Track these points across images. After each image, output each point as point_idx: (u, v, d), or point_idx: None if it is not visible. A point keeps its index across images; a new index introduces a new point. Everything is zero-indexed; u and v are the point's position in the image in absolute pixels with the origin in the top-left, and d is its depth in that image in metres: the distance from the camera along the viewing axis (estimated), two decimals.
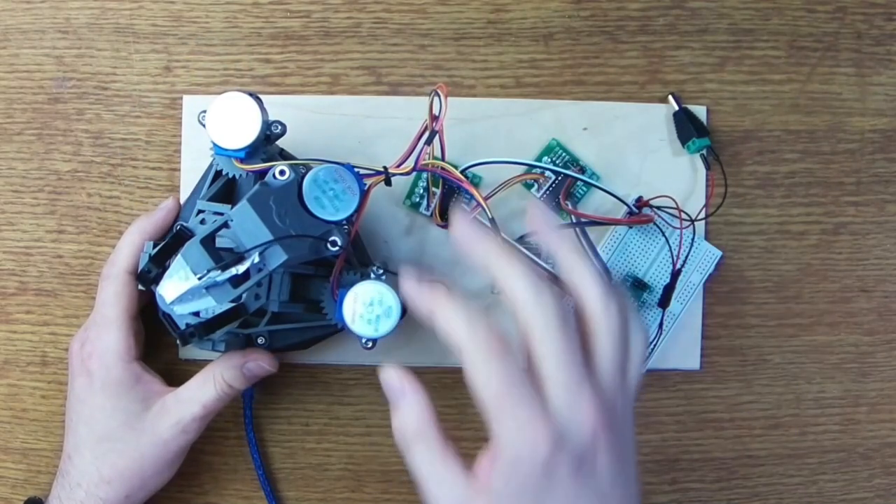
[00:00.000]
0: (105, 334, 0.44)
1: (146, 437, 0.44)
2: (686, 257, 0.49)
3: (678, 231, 0.48)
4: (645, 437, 0.51)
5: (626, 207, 0.48)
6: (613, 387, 0.32)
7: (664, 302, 0.48)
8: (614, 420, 0.32)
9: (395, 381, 0.34)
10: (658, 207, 0.48)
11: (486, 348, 0.31)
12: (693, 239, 0.49)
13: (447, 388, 0.45)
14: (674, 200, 0.47)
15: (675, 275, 0.47)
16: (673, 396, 0.51)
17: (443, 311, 0.32)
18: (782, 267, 0.50)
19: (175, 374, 0.49)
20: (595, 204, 0.50)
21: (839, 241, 0.51)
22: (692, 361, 0.50)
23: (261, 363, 0.45)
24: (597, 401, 0.31)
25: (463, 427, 0.50)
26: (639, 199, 0.48)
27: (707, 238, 0.50)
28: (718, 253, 0.49)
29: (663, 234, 0.49)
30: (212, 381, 0.44)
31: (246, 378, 0.45)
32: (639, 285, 0.49)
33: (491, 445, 0.31)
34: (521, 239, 0.48)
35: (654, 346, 0.48)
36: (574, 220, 0.48)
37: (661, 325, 0.48)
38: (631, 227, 0.49)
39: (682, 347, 0.50)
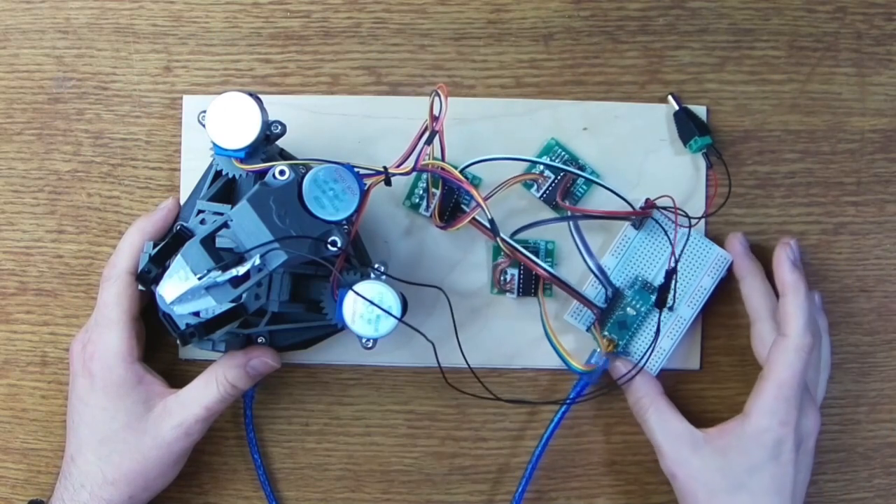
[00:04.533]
0: (106, 335, 0.44)
1: (148, 438, 0.44)
2: (681, 254, 0.48)
3: (684, 230, 0.47)
4: (645, 437, 0.50)
5: (630, 209, 0.48)
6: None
7: (660, 302, 0.47)
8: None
9: (623, 369, 0.48)
10: (663, 208, 0.48)
11: (809, 349, 0.44)
12: (688, 237, 0.49)
13: (447, 388, 0.45)
14: (672, 200, 0.47)
15: (670, 274, 0.47)
16: (673, 396, 0.50)
17: (797, 294, 0.45)
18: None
19: (175, 374, 0.49)
20: (598, 203, 0.49)
21: (839, 241, 0.51)
22: (692, 361, 0.50)
23: (265, 359, 0.45)
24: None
25: (463, 427, 0.50)
26: (647, 202, 0.48)
27: (707, 238, 0.50)
28: (729, 257, 0.49)
29: (667, 235, 0.48)
30: (214, 383, 0.44)
31: (250, 377, 0.45)
32: (647, 289, 0.49)
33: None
34: (515, 235, 0.48)
35: (652, 348, 0.48)
36: (568, 213, 0.47)
37: (658, 327, 0.48)
38: (638, 230, 0.49)
39: (682, 347, 0.50)
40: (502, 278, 0.49)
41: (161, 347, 0.49)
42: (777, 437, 0.44)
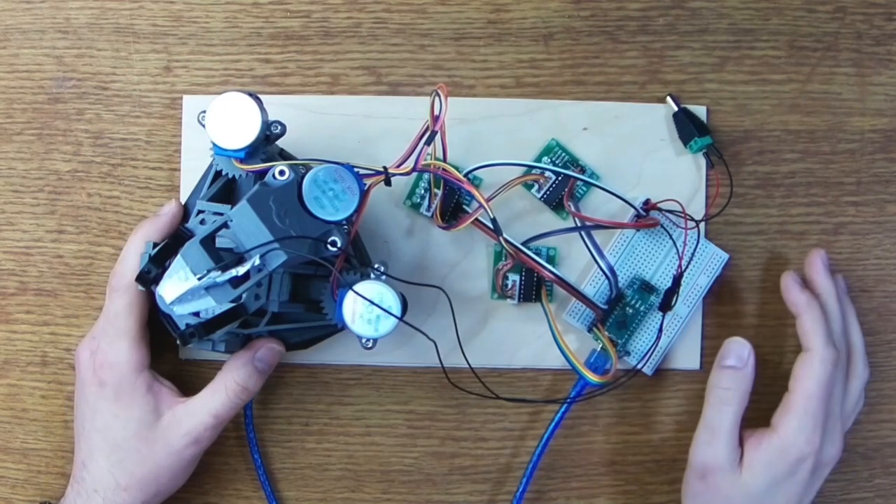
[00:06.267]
0: (118, 345, 0.44)
1: (159, 447, 0.44)
2: (690, 259, 0.48)
3: (683, 231, 0.47)
4: (645, 436, 0.51)
5: (631, 208, 0.48)
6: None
7: (665, 306, 0.47)
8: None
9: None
10: (669, 212, 0.48)
11: (833, 361, 0.45)
12: (698, 241, 0.49)
13: (447, 388, 0.45)
14: (680, 204, 0.47)
15: (678, 279, 0.47)
16: (673, 396, 0.51)
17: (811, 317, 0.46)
18: (782, 267, 0.50)
19: (176, 374, 0.49)
20: (598, 203, 0.50)
21: (839, 241, 0.51)
22: (692, 361, 0.50)
23: (270, 346, 0.45)
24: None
25: (463, 427, 0.50)
26: (647, 202, 0.48)
27: (707, 238, 0.50)
28: (726, 256, 0.49)
29: (671, 238, 0.48)
30: (223, 389, 0.44)
31: (259, 371, 0.45)
32: (646, 288, 0.49)
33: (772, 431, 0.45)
34: (526, 244, 0.48)
35: (653, 349, 0.48)
36: (579, 224, 0.48)
37: (660, 328, 0.48)
38: (638, 231, 0.49)
39: (682, 347, 0.50)
40: (504, 283, 0.49)
41: (162, 348, 0.49)
42: (800, 453, 0.44)
